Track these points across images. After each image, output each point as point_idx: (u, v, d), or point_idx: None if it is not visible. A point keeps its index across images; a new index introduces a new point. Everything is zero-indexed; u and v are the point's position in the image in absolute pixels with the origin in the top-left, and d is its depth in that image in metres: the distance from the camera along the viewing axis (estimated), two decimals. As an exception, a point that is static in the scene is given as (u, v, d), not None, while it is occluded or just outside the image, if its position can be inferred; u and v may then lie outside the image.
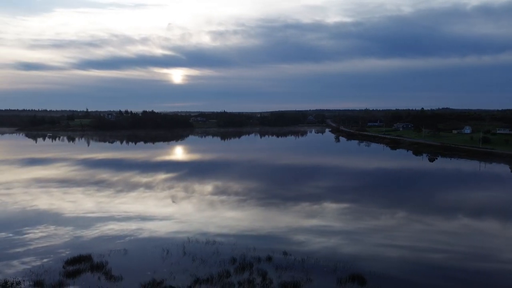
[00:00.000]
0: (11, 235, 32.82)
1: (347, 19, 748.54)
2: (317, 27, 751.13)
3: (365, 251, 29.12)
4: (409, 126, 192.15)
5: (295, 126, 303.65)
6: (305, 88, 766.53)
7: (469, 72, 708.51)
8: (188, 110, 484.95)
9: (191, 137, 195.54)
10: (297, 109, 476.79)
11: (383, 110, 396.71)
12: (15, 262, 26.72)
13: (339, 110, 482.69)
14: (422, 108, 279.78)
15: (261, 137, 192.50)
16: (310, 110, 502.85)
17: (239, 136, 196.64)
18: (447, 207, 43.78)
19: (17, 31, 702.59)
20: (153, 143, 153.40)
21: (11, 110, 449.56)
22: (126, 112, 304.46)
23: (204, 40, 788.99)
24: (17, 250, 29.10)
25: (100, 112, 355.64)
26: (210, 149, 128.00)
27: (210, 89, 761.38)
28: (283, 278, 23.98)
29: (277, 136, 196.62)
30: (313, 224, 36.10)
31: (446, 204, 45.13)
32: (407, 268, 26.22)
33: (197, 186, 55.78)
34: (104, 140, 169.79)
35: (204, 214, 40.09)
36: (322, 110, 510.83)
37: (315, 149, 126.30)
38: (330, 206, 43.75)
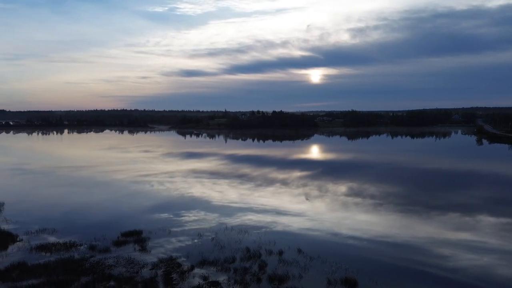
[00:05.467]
0: (171, 216, 38.88)
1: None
2: (475, 14, 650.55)
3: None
4: None
5: (435, 126, 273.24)
6: (454, 83, 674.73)
7: None
8: (321, 110, 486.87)
9: (316, 136, 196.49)
10: (439, 107, 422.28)
11: None
12: (173, 240, 31.36)
13: (498, 108, 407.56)
14: None
15: (392, 138, 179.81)
16: (458, 108, 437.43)
17: (367, 137, 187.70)
18: None
19: (180, 43, 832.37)
20: (281, 142, 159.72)
21: (173, 110, 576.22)
22: (258, 112, 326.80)
23: (342, 38, 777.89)
24: (175, 229, 34.13)
25: (239, 112, 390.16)
26: (338, 149, 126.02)
27: (347, 87, 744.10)
28: (278, 272, 23.93)
29: (412, 137, 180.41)
30: (462, 238, 31.92)
31: None
32: None
33: (330, 186, 55.75)
34: (236, 137, 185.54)
35: (337, 214, 39.77)
36: (476, 108, 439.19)
37: (457, 151, 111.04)
38: (486, 219, 37.91)
